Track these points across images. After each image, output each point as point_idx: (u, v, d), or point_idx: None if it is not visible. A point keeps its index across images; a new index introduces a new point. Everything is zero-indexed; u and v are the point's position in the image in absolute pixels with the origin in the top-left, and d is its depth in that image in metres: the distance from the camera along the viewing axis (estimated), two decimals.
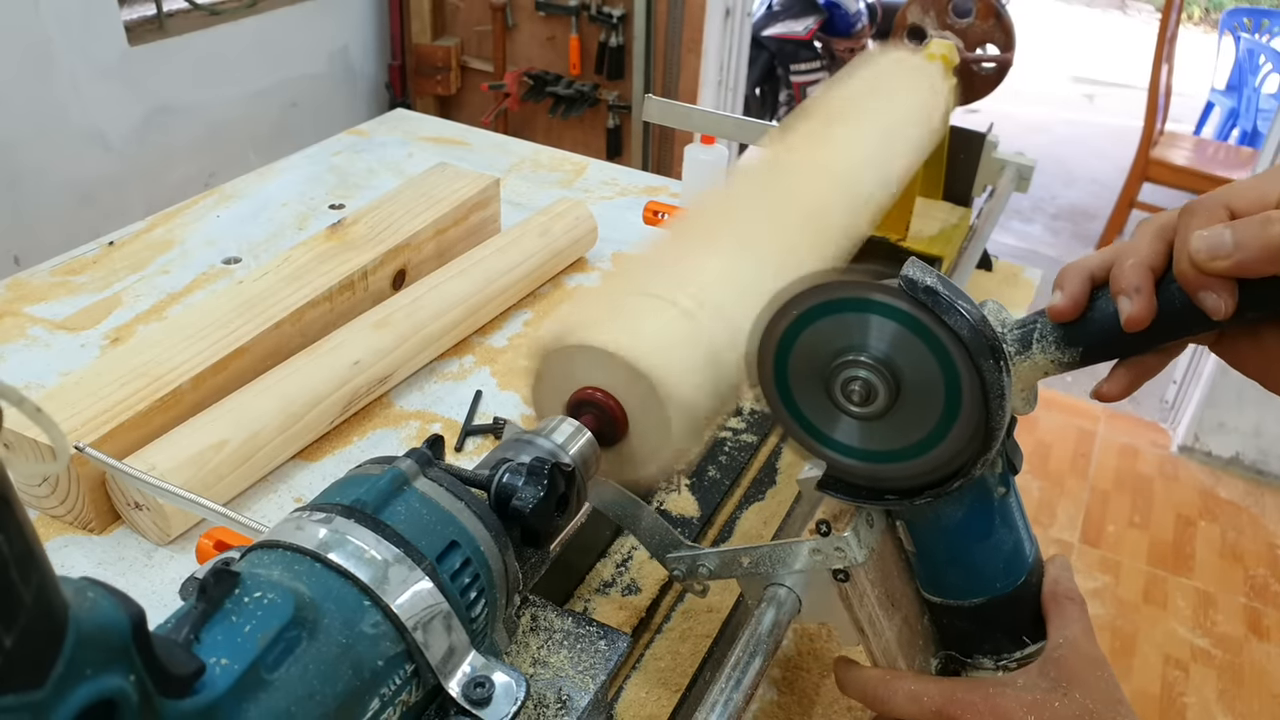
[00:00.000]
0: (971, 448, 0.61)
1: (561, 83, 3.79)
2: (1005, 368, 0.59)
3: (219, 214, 1.62)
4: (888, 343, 0.60)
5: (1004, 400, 0.59)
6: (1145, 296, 0.58)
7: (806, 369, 0.64)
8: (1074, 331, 0.62)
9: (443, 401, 1.23)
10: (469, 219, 1.47)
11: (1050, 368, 0.63)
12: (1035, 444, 3.44)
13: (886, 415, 0.62)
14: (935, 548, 0.72)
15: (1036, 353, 0.63)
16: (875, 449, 0.65)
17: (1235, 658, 2.69)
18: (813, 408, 0.66)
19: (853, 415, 0.64)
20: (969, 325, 0.58)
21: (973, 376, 0.58)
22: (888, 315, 0.60)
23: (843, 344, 0.62)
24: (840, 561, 0.69)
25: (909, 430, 0.63)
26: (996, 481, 0.69)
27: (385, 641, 0.50)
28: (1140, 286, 0.58)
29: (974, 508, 0.69)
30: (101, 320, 1.34)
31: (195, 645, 0.43)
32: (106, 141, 2.95)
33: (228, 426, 1.03)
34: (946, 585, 0.73)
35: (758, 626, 0.71)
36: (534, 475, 0.60)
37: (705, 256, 0.81)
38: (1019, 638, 0.74)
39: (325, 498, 0.55)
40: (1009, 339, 0.64)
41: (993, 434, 0.60)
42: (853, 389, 0.62)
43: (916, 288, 0.58)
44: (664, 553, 0.80)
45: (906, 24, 1.39)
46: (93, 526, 1.01)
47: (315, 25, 3.57)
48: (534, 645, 0.65)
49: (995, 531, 0.70)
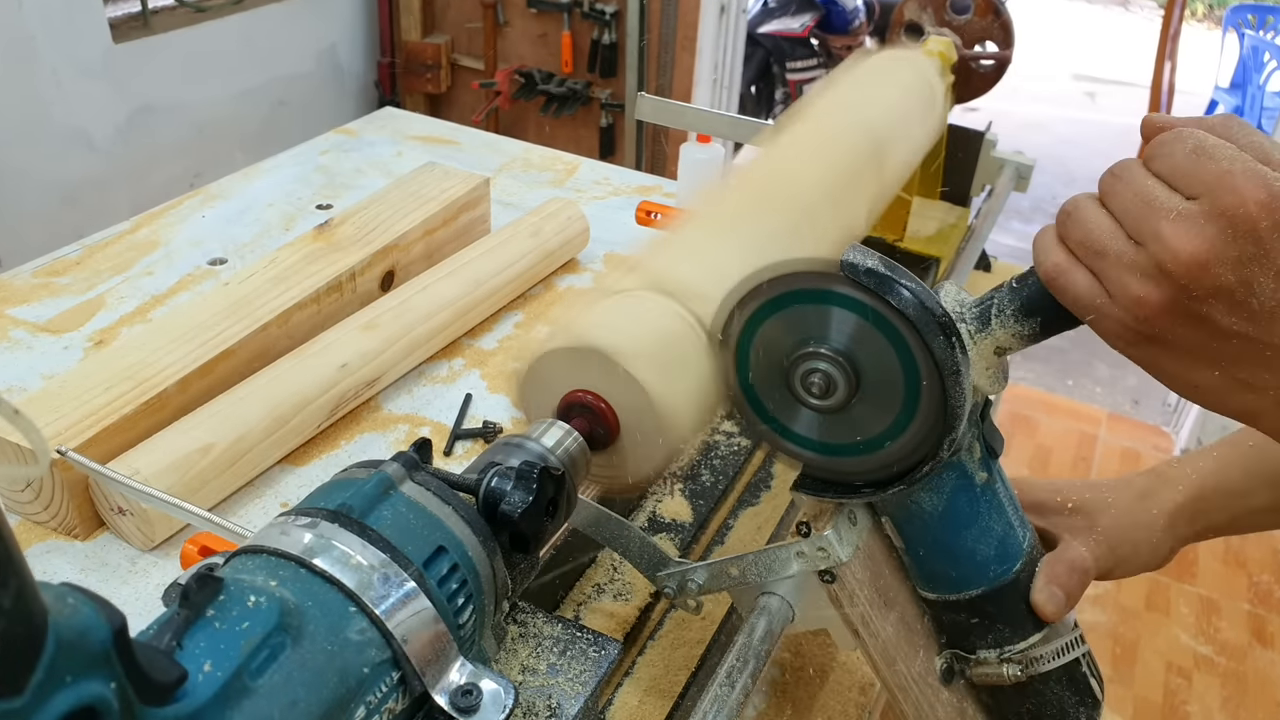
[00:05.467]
0: (935, 431, 0.62)
1: (553, 81, 3.79)
2: (959, 345, 0.59)
3: (204, 214, 1.62)
4: (841, 331, 0.61)
5: (959, 377, 0.59)
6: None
7: (767, 365, 0.65)
8: (1032, 302, 0.63)
9: (431, 405, 1.23)
10: (459, 219, 1.48)
11: (1012, 341, 0.64)
12: (1035, 448, 3.45)
13: (848, 406, 0.63)
14: (922, 540, 0.72)
15: (996, 328, 0.64)
16: (840, 441, 0.65)
17: (1239, 665, 2.70)
18: (775, 402, 0.66)
19: (815, 409, 0.64)
20: (914, 303, 0.58)
21: (926, 356, 0.59)
22: (836, 303, 0.60)
23: (798, 336, 0.63)
24: (824, 562, 0.70)
25: (872, 420, 0.63)
26: (977, 467, 0.69)
27: (371, 648, 0.50)
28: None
29: (957, 495, 0.69)
30: (85, 322, 1.33)
31: (178, 652, 0.43)
32: (90, 141, 2.95)
33: (213, 430, 1.03)
34: (940, 578, 0.74)
35: (750, 637, 0.71)
36: (523, 479, 0.60)
37: (697, 257, 0.81)
38: (1021, 627, 0.75)
39: (311, 502, 0.55)
40: (968, 317, 0.65)
41: (953, 413, 0.60)
42: (812, 381, 0.63)
43: (857, 271, 0.58)
44: (654, 571, 0.80)
45: (904, 20, 1.40)
46: (76, 532, 1.01)
47: (303, 22, 3.57)
48: (523, 652, 0.66)
49: (981, 518, 0.71)
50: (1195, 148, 0.54)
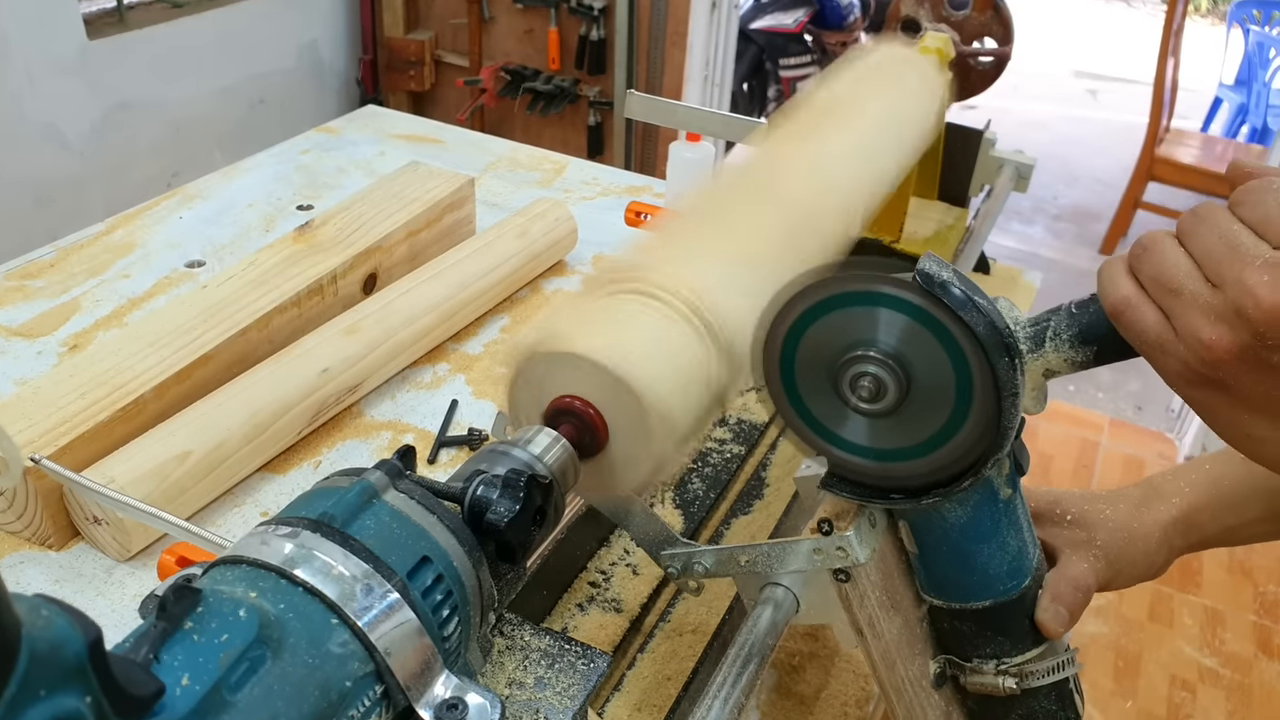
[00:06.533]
0: (982, 446, 0.63)
1: (540, 78, 3.79)
2: (1019, 366, 0.60)
3: (182, 215, 1.62)
4: (899, 338, 0.62)
5: (1017, 399, 0.60)
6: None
7: (814, 364, 0.66)
8: (1090, 330, 0.63)
9: (415, 411, 1.23)
10: (443, 220, 1.48)
11: (1063, 366, 0.65)
12: (1036, 455, 3.45)
13: (895, 412, 0.64)
14: (940, 549, 0.73)
15: (1050, 351, 0.64)
16: (883, 446, 0.66)
17: (1244, 678, 2.70)
18: (819, 404, 0.67)
19: (861, 412, 0.65)
20: (986, 322, 0.59)
21: (986, 374, 0.60)
22: (900, 309, 0.61)
23: (852, 339, 0.63)
24: (842, 561, 0.70)
25: (918, 428, 0.64)
26: (1004, 483, 0.70)
27: (353, 661, 0.50)
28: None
29: (980, 509, 0.70)
30: (59, 326, 1.33)
31: (155, 665, 0.43)
32: (64, 140, 2.94)
33: (191, 437, 1.03)
34: (949, 587, 0.74)
35: (755, 626, 0.72)
36: (509, 488, 0.60)
37: (689, 259, 0.81)
38: (1020, 641, 0.76)
39: (291, 511, 0.55)
40: (1021, 337, 0.65)
41: (1005, 433, 0.61)
42: (861, 385, 0.63)
43: (933, 282, 0.59)
44: (658, 549, 0.81)
45: (900, 16, 1.40)
46: (50, 542, 1.01)
47: (283, 18, 3.57)
48: (510, 665, 0.66)
49: (1001, 533, 0.71)
50: None
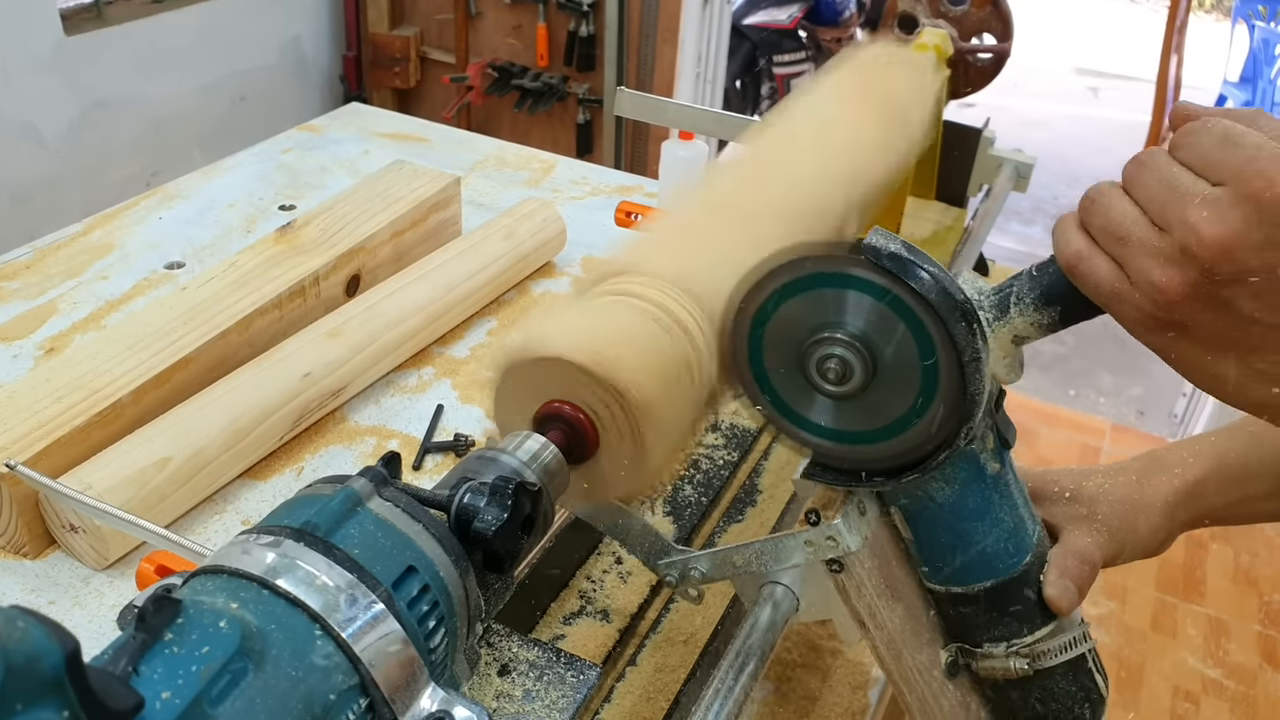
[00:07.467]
0: (953, 419, 0.63)
1: (528, 75, 3.79)
2: (979, 331, 0.61)
3: (161, 216, 1.62)
4: (859, 316, 0.63)
5: (979, 364, 0.61)
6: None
7: (781, 349, 0.66)
8: (1051, 290, 0.64)
9: (400, 416, 1.23)
10: (428, 220, 1.48)
11: (1031, 330, 0.66)
12: (1036, 460, 3.45)
13: (864, 393, 0.64)
14: (935, 531, 0.73)
15: (1015, 316, 0.66)
16: (854, 429, 0.67)
17: (1249, 689, 2.71)
18: (789, 389, 0.67)
19: (830, 395, 0.65)
20: (938, 288, 0.60)
21: (946, 342, 0.61)
22: (856, 287, 0.62)
23: (815, 321, 0.64)
24: (833, 551, 0.70)
25: (888, 407, 0.65)
26: (990, 457, 0.71)
27: (337, 674, 0.50)
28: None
29: (969, 486, 0.71)
30: (35, 329, 1.33)
31: (134, 678, 0.43)
32: (40, 138, 2.93)
33: (170, 443, 1.03)
34: (948, 570, 0.75)
35: (754, 626, 0.72)
36: (497, 495, 0.60)
37: (680, 260, 0.81)
38: (1029, 620, 0.76)
39: (274, 519, 0.55)
40: (986, 305, 0.66)
41: (972, 401, 0.62)
42: (828, 367, 0.64)
43: (880, 254, 0.60)
44: (655, 559, 0.81)
45: (897, 12, 1.40)
46: (25, 550, 1.01)
47: (265, 13, 3.56)
48: (497, 678, 0.66)
49: (993, 509, 0.72)
50: (1223, 135, 0.56)
